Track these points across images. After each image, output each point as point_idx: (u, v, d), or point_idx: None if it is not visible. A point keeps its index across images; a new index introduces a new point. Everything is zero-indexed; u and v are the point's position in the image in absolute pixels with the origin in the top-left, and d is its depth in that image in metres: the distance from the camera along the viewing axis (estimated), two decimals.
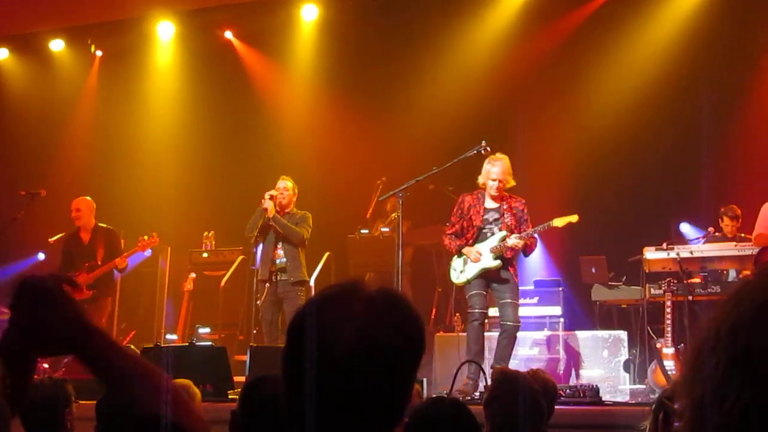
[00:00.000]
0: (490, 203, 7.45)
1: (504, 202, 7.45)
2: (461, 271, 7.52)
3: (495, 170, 7.29)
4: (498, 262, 7.34)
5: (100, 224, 9.45)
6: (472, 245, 7.45)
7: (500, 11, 10.95)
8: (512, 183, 7.42)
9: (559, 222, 7.27)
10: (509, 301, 7.36)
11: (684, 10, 10.19)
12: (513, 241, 7.22)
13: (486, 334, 8.30)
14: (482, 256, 7.36)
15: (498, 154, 7.43)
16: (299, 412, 1.40)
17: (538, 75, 10.82)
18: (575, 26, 10.70)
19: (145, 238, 9.33)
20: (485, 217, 7.43)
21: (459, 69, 10.96)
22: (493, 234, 7.41)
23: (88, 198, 9.52)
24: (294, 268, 8.35)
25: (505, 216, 7.39)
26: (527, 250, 7.51)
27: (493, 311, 8.12)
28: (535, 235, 7.48)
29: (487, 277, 7.44)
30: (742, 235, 8.63)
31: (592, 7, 10.67)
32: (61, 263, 9.50)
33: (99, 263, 9.16)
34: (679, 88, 9.98)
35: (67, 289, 1.48)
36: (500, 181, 7.28)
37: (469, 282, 7.47)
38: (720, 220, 8.85)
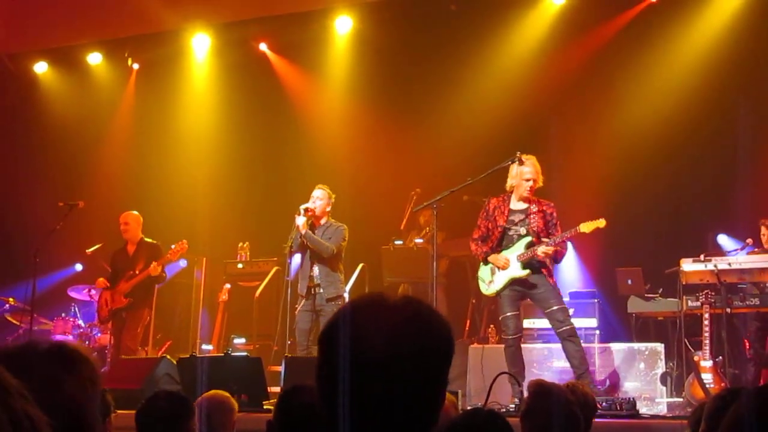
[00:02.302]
0: (516, 205, 7.37)
1: (533, 205, 7.35)
2: (489, 281, 7.44)
3: (527, 169, 7.22)
4: (527, 271, 7.23)
5: (145, 239, 9.73)
6: (498, 250, 7.36)
7: (533, 23, 10.92)
8: (541, 183, 7.31)
9: (586, 228, 7.08)
10: (556, 308, 7.21)
11: (722, 19, 10.10)
12: (543, 249, 7.10)
13: (524, 346, 8.29)
14: (510, 264, 7.27)
15: (526, 155, 7.36)
16: (333, 418, 1.43)
17: (572, 85, 10.76)
18: (609, 37, 10.64)
19: (173, 246, 9.47)
20: (510, 218, 7.33)
21: (493, 80, 10.94)
22: (519, 236, 7.30)
23: (135, 212, 9.84)
24: (328, 284, 8.33)
25: (532, 218, 7.28)
26: (557, 256, 7.35)
27: (527, 323, 8.07)
28: (566, 241, 7.35)
29: (521, 287, 7.34)
30: None
31: (627, 18, 10.60)
32: (109, 276, 9.75)
33: (137, 273, 9.35)
34: (717, 97, 9.87)
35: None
36: (534, 180, 7.20)
37: (499, 294, 7.38)
38: (760, 231, 8.76)
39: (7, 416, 1.02)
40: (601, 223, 7.09)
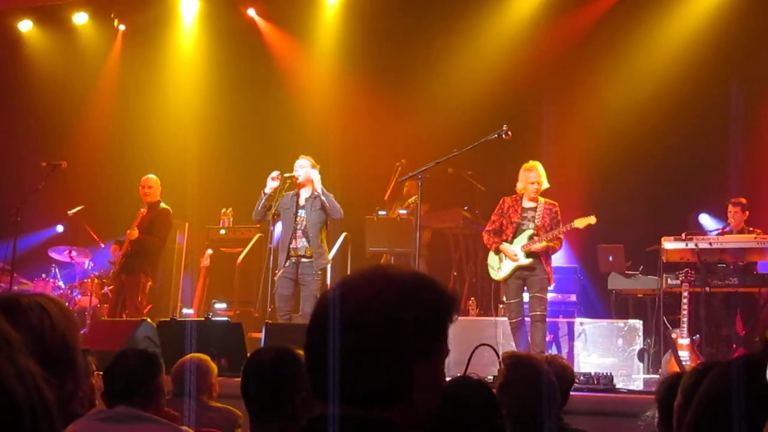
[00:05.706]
0: (527, 204, 8.02)
1: (540, 204, 7.98)
2: (498, 268, 8.04)
3: (532, 175, 7.92)
4: (530, 260, 7.87)
5: (161, 204, 9.47)
6: (511, 242, 7.95)
7: None
8: (546, 185, 7.93)
9: (579, 223, 7.81)
10: (539, 295, 7.87)
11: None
12: (537, 245, 7.82)
13: (499, 319, 8.46)
14: (518, 255, 7.91)
15: (531, 162, 7.98)
16: (326, 379, 1.45)
17: (561, 61, 10.76)
18: (601, 13, 10.62)
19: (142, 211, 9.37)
20: (523, 215, 8.01)
21: (482, 53, 10.91)
22: (528, 230, 7.94)
23: (154, 176, 9.56)
24: (318, 255, 8.23)
25: (538, 214, 7.95)
26: (550, 250, 7.95)
27: (505, 298, 8.31)
28: (561, 237, 7.94)
29: (521, 274, 7.91)
30: (751, 228, 8.61)
31: None
32: None
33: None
34: (704, 78, 9.89)
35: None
36: (538, 183, 7.88)
37: (505, 281, 8.00)
38: (727, 210, 8.82)
39: (14, 371, 1.02)
40: (592, 219, 7.83)
